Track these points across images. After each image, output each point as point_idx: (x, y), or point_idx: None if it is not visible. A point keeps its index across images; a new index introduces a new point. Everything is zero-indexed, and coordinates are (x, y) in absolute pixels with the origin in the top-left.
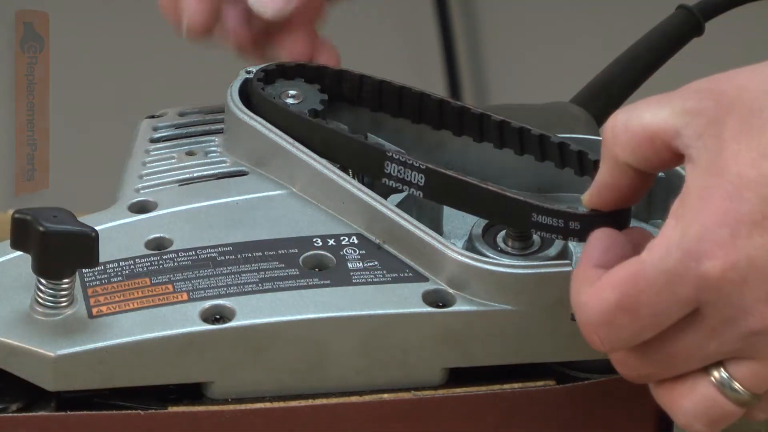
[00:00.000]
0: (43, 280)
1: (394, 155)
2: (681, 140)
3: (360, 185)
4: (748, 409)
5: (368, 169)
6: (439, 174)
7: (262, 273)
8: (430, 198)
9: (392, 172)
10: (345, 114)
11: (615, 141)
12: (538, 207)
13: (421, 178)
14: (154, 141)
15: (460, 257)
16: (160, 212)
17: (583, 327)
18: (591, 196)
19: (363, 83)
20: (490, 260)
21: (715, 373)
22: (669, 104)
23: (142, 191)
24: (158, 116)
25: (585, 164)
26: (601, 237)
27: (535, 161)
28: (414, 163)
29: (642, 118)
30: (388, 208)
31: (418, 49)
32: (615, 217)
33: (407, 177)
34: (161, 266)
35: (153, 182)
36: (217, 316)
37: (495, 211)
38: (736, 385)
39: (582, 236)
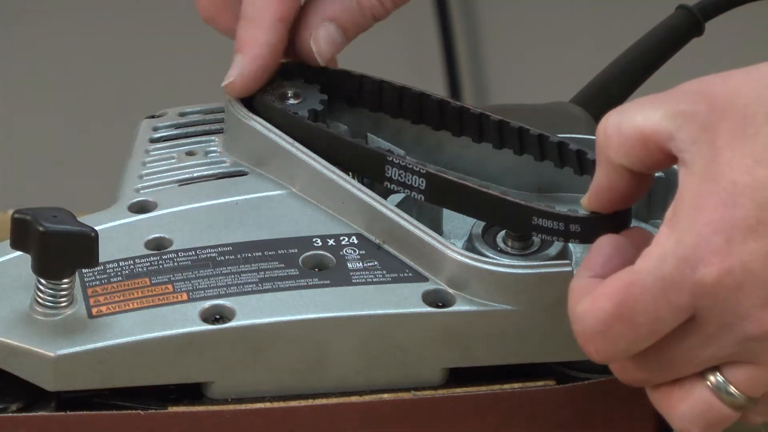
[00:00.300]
0: (42, 280)
1: (394, 159)
2: (674, 143)
3: (360, 185)
4: (744, 412)
5: (369, 172)
6: (440, 178)
7: (262, 273)
8: (430, 201)
9: (393, 176)
10: (345, 114)
11: (608, 144)
12: (538, 210)
13: (422, 182)
14: (154, 141)
15: (459, 257)
16: (160, 212)
17: (580, 338)
18: (590, 199)
19: (363, 83)
20: (490, 260)
21: (711, 378)
22: (661, 106)
23: (142, 191)
24: (158, 116)
25: (584, 163)
26: (603, 245)
27: (535, 161)
28: (414, 167)
29: (634, 121)
30: (387, 208)
31: (418, 49)
32: (615, 218)
33: (408, 181)
34: (161, 266)
35: (153, 182)
36: (217, 316)
37: (496, 215)
38: (732, 389)
39: (583, 238)
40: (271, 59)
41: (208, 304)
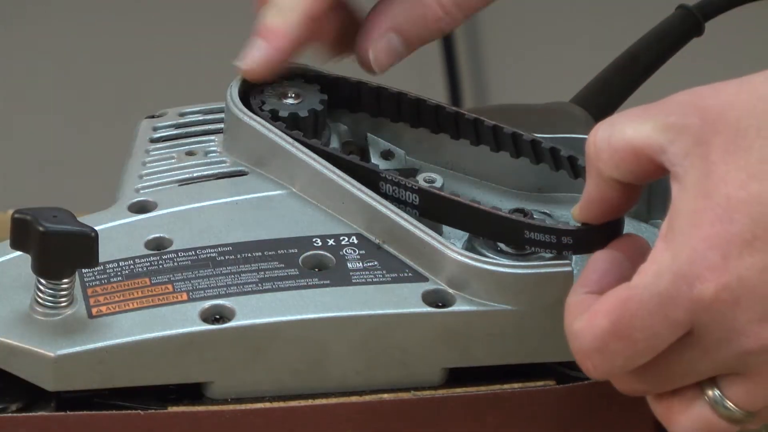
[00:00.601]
0: (42, 280)
1: (387, 176)
2: (666, 157)
3: (360, 185)
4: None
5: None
6: (432, 195)
7: (262, 273)
8: (424, 216)
9: (387, 192)
10: (344, 116)
11: (598, 157)
12: (530, 225)
13: (415, 198)
14: (153, 141)
15: (459, 257)
16: (160, 212)
17: (577, 355)
18: (581, 210)
19: (361, 90)
20: (490, 260)
21: (709, 392)
22: (652, 118)
23: (141, 191)
24: (158, 116)
25: (576, 169)
26: (597, 261)
27: (531, 164)
28: (407, 183)
29: (624, 133)
30: (387, 208)
31: (418, 48)
32: (607, 229)
33: (402, 196)
34: (161, 266)
35: (153, 182)
36: (217, 316)
37: (488, 230)
38: (729, 405)
39: (576, 250)
40: (292, 55)
41: (208, 304)
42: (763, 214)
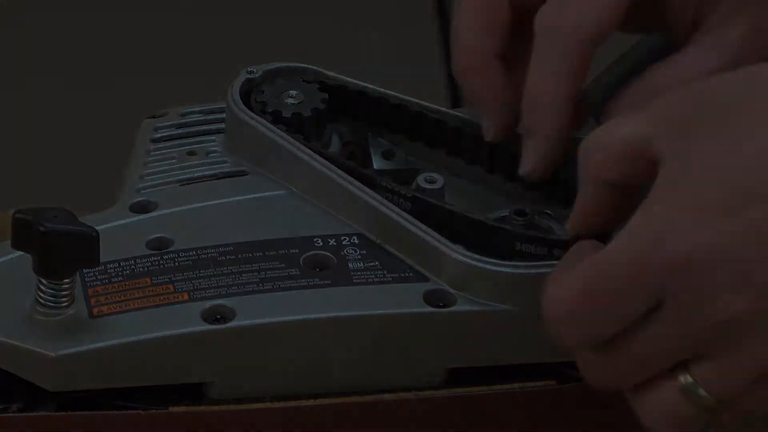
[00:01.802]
0: (43, 280)
1: (381, 182)
2: (654, 146)
3: (361, 185)
4: (716, 416)
5: None
6: (425, 202)
7: (263, 273)
8: None
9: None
10: (343, 120)
11: (591, 160)
12: (521, 235)
13: (408, 205)
14: (154, 141)
15: (461, 257)
16: (161, 212)
17: (551, 323)
18: (575, 222)
19: (360, 98)
20: (491, 260)
21: (681, 378)
22: (640, 114)
23: (142, 191)
24: (159, 116)
25: (570, 196)
26: (581, 245)
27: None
28: (401, 191)
29: (614, 133)
30: (389, 208)
31: (419, 48)
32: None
33: (395, 203)
34: (162, 266)
35: (154, 182)
36: (218, 316)
37: (479, 241)
38: (702, 392)
39: None
40: (562, 143)
41: (209, 304)
42: (739, 182)
